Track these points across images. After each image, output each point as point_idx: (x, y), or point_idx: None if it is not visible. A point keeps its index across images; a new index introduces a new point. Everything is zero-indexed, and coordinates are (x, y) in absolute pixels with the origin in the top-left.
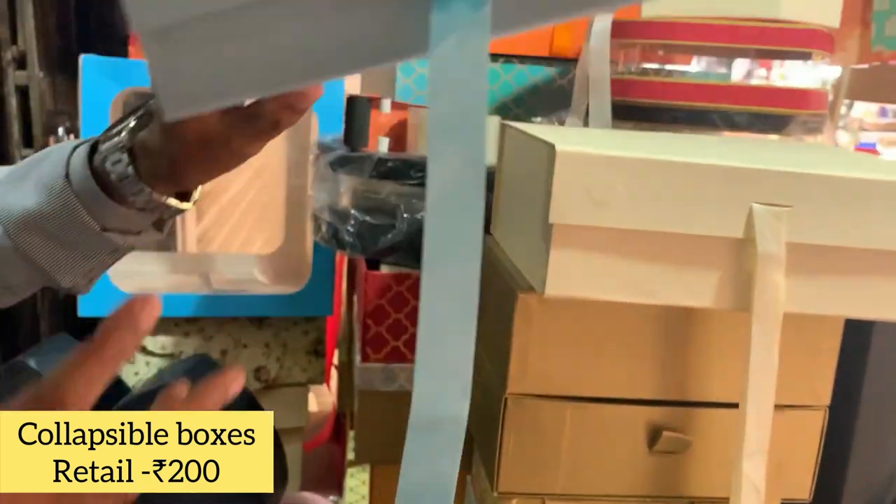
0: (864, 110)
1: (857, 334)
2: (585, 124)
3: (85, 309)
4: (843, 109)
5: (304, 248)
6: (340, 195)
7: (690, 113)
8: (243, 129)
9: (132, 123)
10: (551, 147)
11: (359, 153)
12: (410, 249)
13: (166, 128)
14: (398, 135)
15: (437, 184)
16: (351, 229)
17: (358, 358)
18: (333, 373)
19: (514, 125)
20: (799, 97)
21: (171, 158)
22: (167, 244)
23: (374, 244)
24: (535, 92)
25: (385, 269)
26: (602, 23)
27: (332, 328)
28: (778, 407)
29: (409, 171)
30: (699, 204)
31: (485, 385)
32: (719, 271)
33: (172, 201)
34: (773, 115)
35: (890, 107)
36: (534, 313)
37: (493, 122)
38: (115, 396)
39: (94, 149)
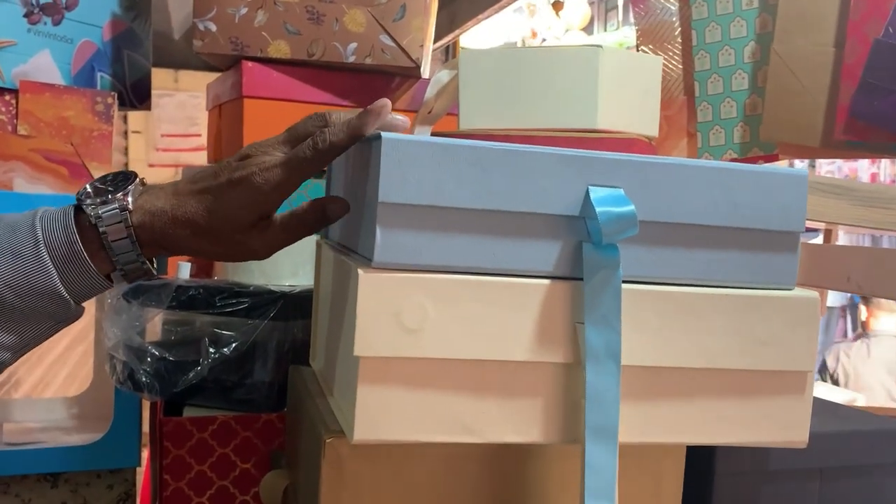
0: None
1: (700, 460)
2: None
3: None
4: None
5: (112, 390)
6: (136, 330)
7: None
8: (268, 233)
9: (131, 189)
10: (354, 268)
11: (155, 281)
12: (217, 389)
13: (189, 217)
14: (204, 260)
15: None
16: (148, 369)
17: None
18: None
19: (329, 243)
20: None
21: (176, 238)
22: None
23: (175, 385)
24: None
25: (189, 413)
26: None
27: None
28: None
29: (213, 300)
30: (521, 326)
31: None
32: (545, 401)
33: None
34: None
35: None
36: (345, 461)
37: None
38: None
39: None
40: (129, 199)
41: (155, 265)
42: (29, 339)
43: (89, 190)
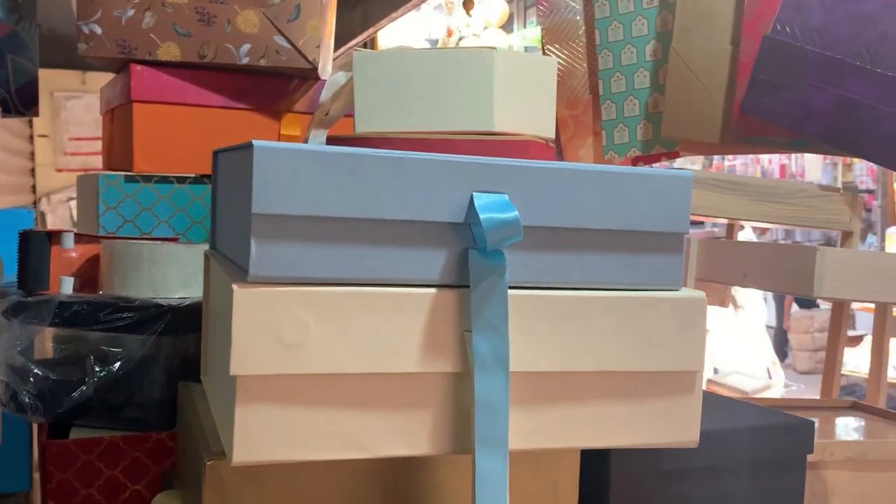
0: None
1: (595, 464)
2: None
3: None
4: None
5: None
6: (18, 349)
7: None
8: None
9: None
10: (229, 283)
11: (36, 297)
12: (104, 408)
13: None
14: (89, 274)
15: None
16: (31, 389)
17: None
18: None
19: (216, 253)
20: None
21: None
22: None
23: (60, 405)
24: None
25: (77, 434)
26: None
27: None
28: None
29: (98, 315)
30: (407, 337)
31: None
32: (434, 413)
33: None
34: None
35: None
36: (227, 484)
37: (201, 250)
38: None
39: None
40: None
41: None
42: None
43: None
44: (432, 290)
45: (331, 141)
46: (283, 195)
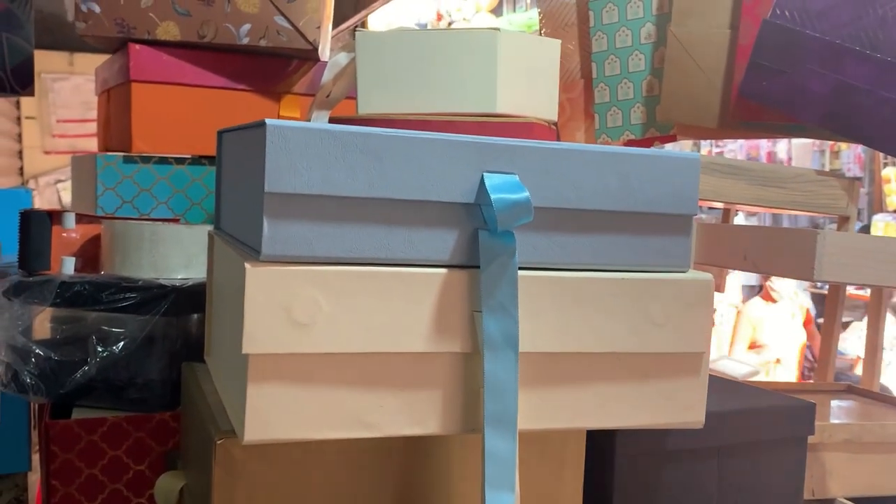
0: None
1: (601, 444)
2: None
3: None
4: None
5: None
6: (19, 329)
7: None
8: None
9: None
10: (241, 262)
11: (38, 277)
12: (107, 388)
13: None
14: (90, 254)
15: None
16: (33, 369)
17: None
18: None
19: (221, 234)
20: None
21: None
22: None
23: (62, 385)
24: None
25: (79, 415)
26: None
27: None
28: None
29: (100, 295)
30: (417, 317)
31: None
32: (443, 392)
33: None
34: None
35: None
36: (237, 462)
37: (202, 231)
38: None
39: None
40: None
41: None
42: None
43: None
44: (442, 271)
45: (333, 122)
46: (295, 174)
